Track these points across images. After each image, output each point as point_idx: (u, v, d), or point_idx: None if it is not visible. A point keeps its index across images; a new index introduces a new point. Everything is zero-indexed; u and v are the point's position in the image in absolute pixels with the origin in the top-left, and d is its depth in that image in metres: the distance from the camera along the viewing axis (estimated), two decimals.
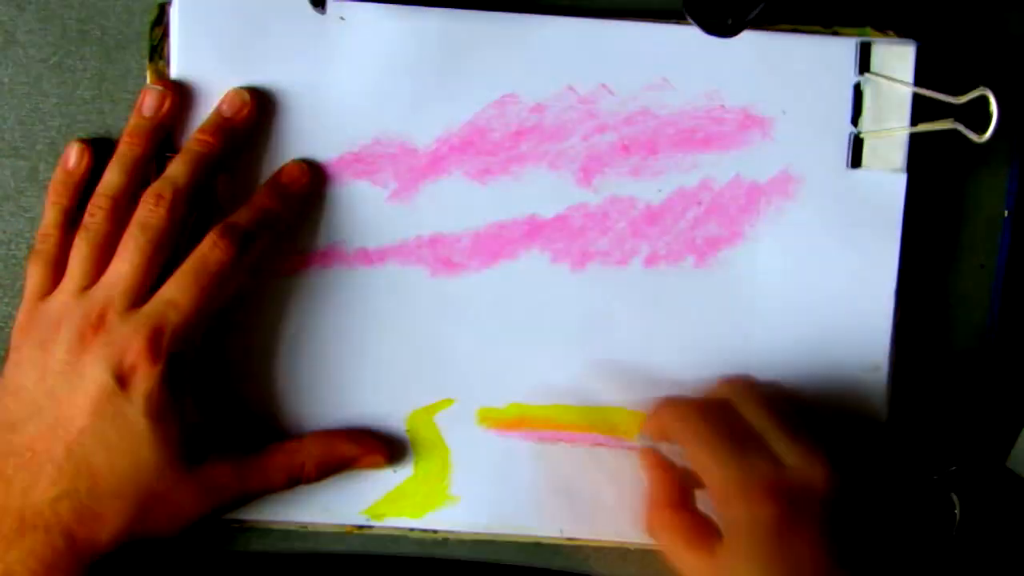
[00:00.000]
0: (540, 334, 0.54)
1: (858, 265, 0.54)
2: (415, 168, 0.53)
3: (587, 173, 0.54)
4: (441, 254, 0.54)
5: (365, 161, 0.53)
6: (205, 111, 0.52)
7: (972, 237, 0.56)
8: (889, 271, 0.54)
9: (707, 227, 0.54)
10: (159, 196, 0.49)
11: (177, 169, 0.50)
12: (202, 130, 0.52)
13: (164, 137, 0.52)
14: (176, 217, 0.49)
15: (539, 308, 0.54)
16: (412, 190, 0.54)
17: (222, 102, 0.52)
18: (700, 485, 0.50)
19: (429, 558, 0.55)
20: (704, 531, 0.49)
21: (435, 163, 0.53)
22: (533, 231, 0.54)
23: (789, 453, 0.48)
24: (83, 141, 0.52)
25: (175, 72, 0.52)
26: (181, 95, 0.52)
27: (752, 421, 0.49)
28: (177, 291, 0.49)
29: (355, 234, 0.54)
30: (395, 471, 0.54)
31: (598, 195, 0.54)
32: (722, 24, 0.49)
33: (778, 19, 0.53)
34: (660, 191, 0.54)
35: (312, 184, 0.53)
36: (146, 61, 0.53)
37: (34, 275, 0.51)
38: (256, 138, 0.53)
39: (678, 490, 0.51)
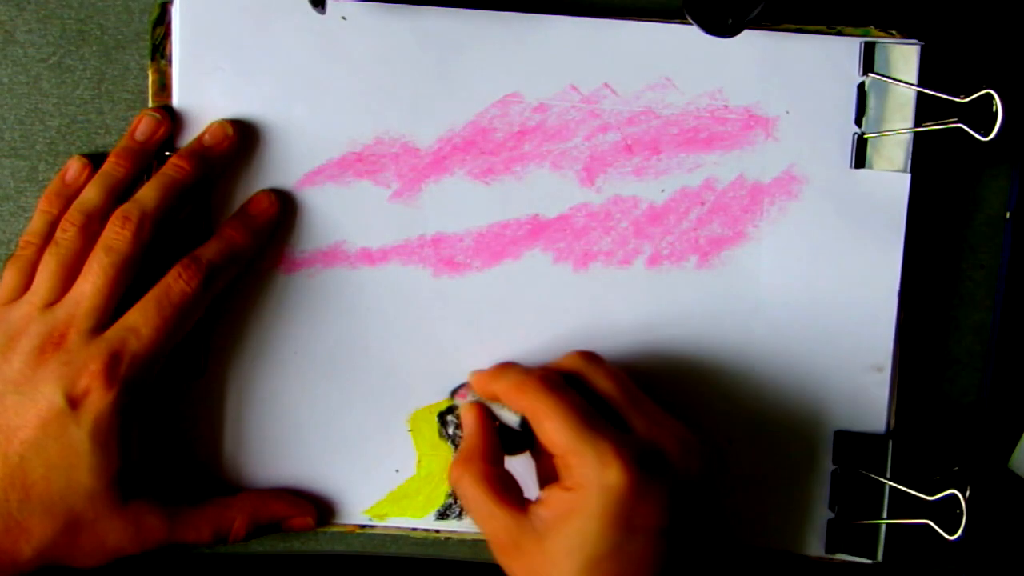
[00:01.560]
0: (543, 334, 0.54)
1: (861, 265, 0.54)
2: (417, 168, 0.53)
3: (590, 173, 0.54)
4: (444, 254, 0.54)
5: (367, 161, 0.53)
6: (206, 113, 0.52)
7: (974, 237, 0.56)
8: (892, 271, 0.54)
9: (710, 227, 0.54)
10: (126, 218, 0.49)
11: (147, 193, 0.50)
12: (180, 155, 0.51)
13: (152, 160, 0.52)
14: (142, 240, 0.49)
15: (542, 308, 0.54)
16: (414, 190, 0.53)
17: (205, 132, 0.52)
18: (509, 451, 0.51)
19: (430, 559, 0.55)
20: (515, 489, 0.49)
21: (437, 163, 0.53)
22: (536, 231, 0.54)
23: (640, 423, 0.48)
24: (86, 157, 0.52)
25: (176, 70, 0.52)
26: (182, 93, 0.52)
27: (603, 391, 0.49)
28: (140, 319, 0.49)
29: (357, 234, 0.54)
30: (397, 471, 0.54)
31: (601, 195, 0.54)
32: (722, 24, 0.49)
33: (782, 19, 0.53)
34: (663, 191, 0.54)
35: (280, 214, 0.53)
36: (148, 60, 0.53)
37: (8, 279, 0.51)
38: (256, 139, 0.53)
39: (494, 448, 0.51)
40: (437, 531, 0.55)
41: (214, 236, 0.52)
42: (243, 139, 0.53)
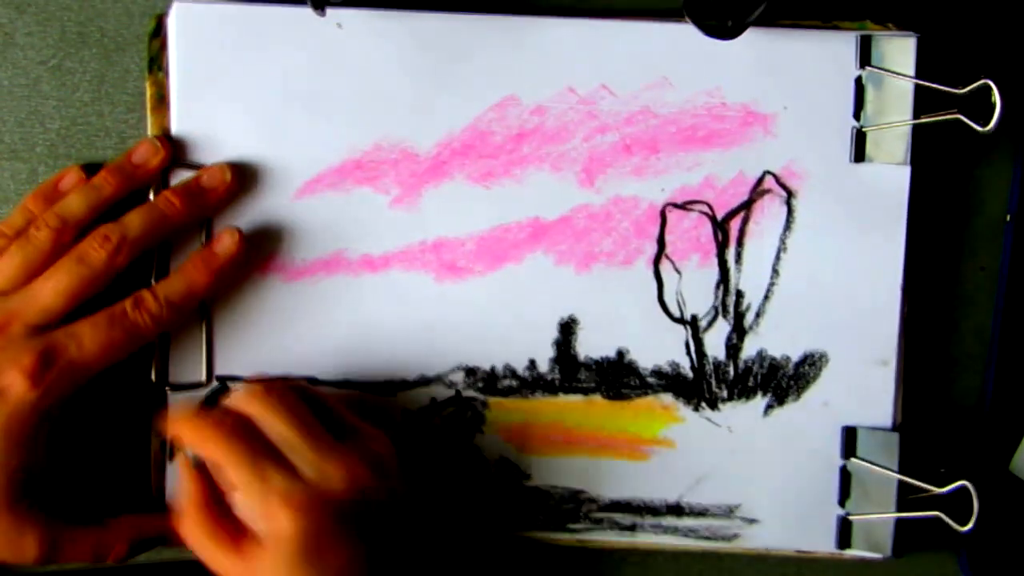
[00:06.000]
0: (548, 337, 0.54)
1: (864, 259, 0.53)
2: (417, 173, 0.53)
3: (589, 174, 0.54)
4: (445, 259, 0.54)
5: (366, 167, 0.53)
6: (205, 125, 0.52)
7: (975, 239, 0.55)
8: (895, 264, 0.53)
9: (711, 225, 0.54)
10: (106, 238, 0.49)
11: (134, 220, 0.50)
12: (174, 192, 0.51)
13: (145, 185, 0.52)
14: (115, 264, 0.49)
15: (545, 310, 0.54)
16: (415, 195, 0.53)
17: (203, 172, 0.52)
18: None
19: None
20: (235, 532, 0.47)
21: (437, 167, 0.53)
22: (537, 233, 0.54)
23: (306, 464, 0.47)
24: (84, 171, 0.52)
25: (174, 82, 0.52)
26: (180, 105, 0.52)
27: (272, 436, 0.48)
28: (88, 331, 0.48)
29: (358, 241, 0.53)
30: None
31: (601, 196, 0.54)
32: (722, 26, 0.49)
33: (777, 15, 0.53)
34: (663, 190, 0.54)
35: (245, 253, 0.52)
36: (145, 73, 0.53)
37: None
38: (255, 149, 0.53)
39: (210, 492, 0.49)
40: None
41: (176, 271, 0.51)
42: (242, 148, 0.52)
